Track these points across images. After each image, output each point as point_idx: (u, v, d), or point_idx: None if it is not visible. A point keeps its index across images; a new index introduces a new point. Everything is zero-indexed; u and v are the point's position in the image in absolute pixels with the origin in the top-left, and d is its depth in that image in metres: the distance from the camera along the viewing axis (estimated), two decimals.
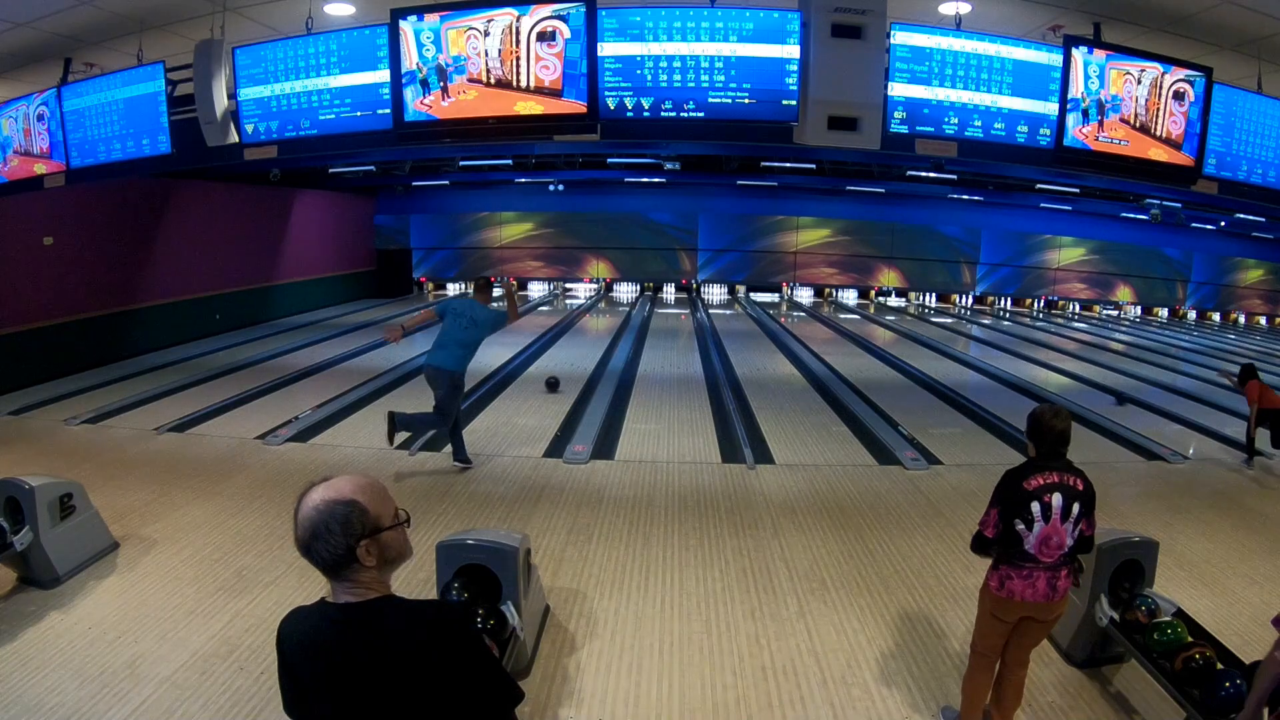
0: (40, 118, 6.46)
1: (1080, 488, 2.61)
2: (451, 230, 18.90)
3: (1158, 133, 5.20)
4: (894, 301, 19.48)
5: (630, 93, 4.83)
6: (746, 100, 4.78)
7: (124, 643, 3.39)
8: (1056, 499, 2.56)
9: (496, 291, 18.16)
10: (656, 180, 16.71)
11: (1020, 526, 2.57)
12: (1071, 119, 5.00)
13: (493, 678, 1.44)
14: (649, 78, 4.80)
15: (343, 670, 1.35)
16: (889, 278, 19.27)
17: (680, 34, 4.74)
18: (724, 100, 4.79)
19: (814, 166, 13.94)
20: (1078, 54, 4.93)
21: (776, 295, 19.28)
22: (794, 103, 4.75)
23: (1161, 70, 5.10)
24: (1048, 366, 11.21)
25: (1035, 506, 2.56)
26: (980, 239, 19.09)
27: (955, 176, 13.40)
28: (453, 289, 19.35)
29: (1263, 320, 20.20)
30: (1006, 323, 16.96)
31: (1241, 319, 20.17)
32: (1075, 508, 2.58)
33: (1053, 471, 2.60)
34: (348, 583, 1.39)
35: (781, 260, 19.12)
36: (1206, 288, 19.97)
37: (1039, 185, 13.95)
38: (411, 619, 1.40)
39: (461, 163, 13.78)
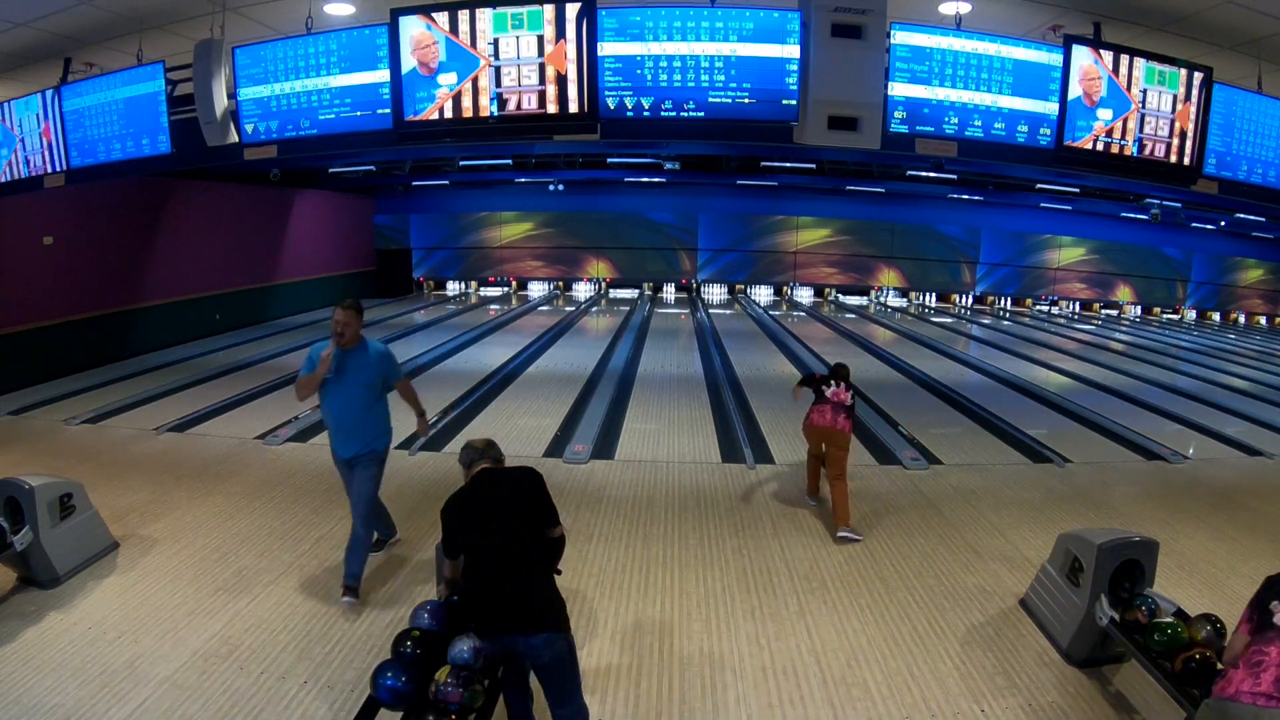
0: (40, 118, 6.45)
1: (848, 392, 5.07)
2: (451, 230, 18.88)
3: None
4: (894, 301, 19.48)
5: (630, 92, 4.83)
6: (746, 100, 4.78)
7: (124, 643, 3.39)
8: (837, 385, 5.09)
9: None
10: (656, 180, 16.70)
11: (824, 389, 5.07)
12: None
13: (550, 502, 2.66)
14: (649, 77, 4.81)
15: (492, 491, 2.64)
16: (889, 278, 19.26)
17: (680, 34, 4.75)
18: (724, 100, 4.79)
19: (814, 166, 13.93)
20: (1078, 54, 4.93)
21: (777, 295, 19.28)
22: (794, 102, 4.75)
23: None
24: (1048, 366, 11.21)
25: (827, 390, 5.07)
26: (980, 239, 19.07)
27: (955, 176, 13.39)
28: (453, 288, 19.33)
29: (1263, 320, 20.19)
30: (1006, 323, 16.96)
31: (1241, 319, 20.16)
32: (844, 385, 5.10)
33: (837, 383, 5.12)
34: (495, 460, 2.80)
35: (781, 260, 19.11)
36: (1206, 287, 19.95)
37: (1039, 185, 13.93)
38: (518, 471, 2.69)
39: (461, 162, 13.76)
